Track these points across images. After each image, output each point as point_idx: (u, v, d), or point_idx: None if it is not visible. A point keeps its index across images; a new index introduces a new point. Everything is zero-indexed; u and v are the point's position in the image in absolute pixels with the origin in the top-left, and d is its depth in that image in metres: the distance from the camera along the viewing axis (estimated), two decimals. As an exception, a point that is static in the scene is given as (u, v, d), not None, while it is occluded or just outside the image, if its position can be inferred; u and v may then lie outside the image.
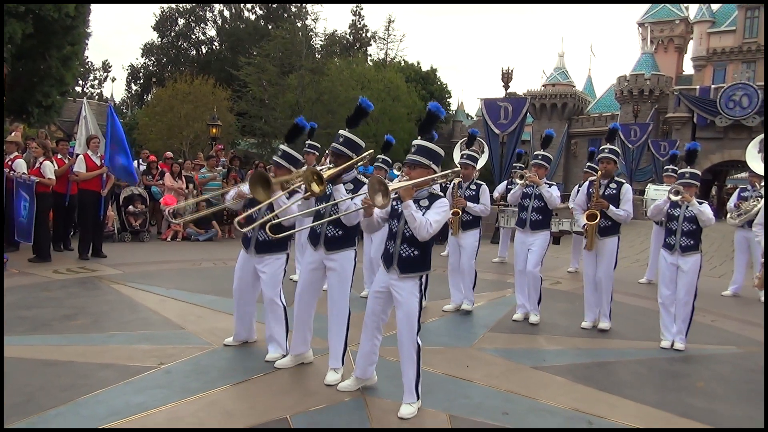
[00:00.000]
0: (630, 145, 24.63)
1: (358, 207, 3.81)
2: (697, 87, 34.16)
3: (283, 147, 4.54)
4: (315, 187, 3.78)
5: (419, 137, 3.79)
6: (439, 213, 3.61)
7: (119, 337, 4.93)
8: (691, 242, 5.45)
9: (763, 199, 7.70)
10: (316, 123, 7.64)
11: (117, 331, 5.13)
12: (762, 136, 7.98)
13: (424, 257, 3.72)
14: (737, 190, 8.79)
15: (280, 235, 4.15)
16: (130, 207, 10.83)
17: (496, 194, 10.25)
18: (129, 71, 49.68)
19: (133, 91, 50.95)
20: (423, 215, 3.57)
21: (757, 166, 7.77)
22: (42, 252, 8.22)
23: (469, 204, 6.44)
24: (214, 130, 19.52)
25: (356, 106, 4.15)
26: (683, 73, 40.61)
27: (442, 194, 3.80)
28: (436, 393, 4.01)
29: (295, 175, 4.40)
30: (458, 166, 8.42)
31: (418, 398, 3.70)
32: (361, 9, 46.82)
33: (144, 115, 33.48)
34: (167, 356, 4.46)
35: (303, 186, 4.10)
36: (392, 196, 3.58)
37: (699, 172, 5.59)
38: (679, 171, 5.68)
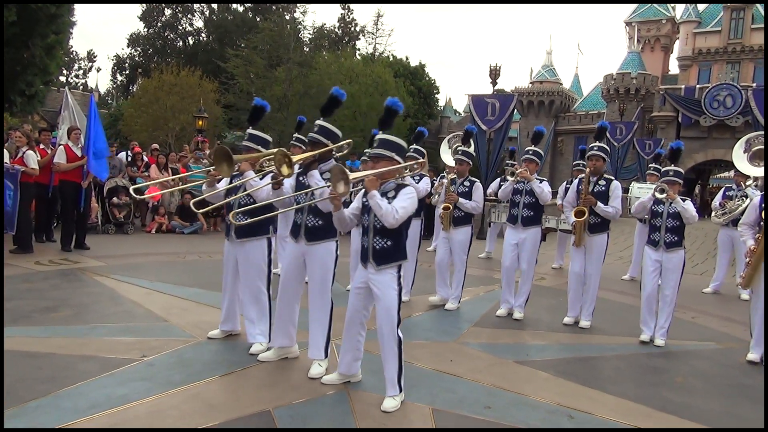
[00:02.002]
0: (615, 143, 24.79)
1: (324, 197, 3.83)
2: (683, 87, 34.51)
3: (249, 130, 4.59)
4: (284, 170, 3.81)
5: (380, 132, 3.84)
6: (405, 200, 3.62)
7: (101, 330, 4.89)
8: (675, 238, 5.54)
9: (748, 199, 7.81)
10: (305, 117, 7.61)
11: (99, 323, 5.09)
12: (748, 136, 8.06)
13: (398, 246, 3.74)
14: (722, 189, 8.89)
15: (255, 219, 4.18)
16: (114, 199, 10.72)
17: (489, 191, 10.28)
18: (114, 61, 49.12)
19: (118, 82, 50.36)
20: (389, 203, 3.59)
21: (744, 166, 7.87)
22: (24, 243, 8.12)
23: (461, 200, 6.46)
24: (200, 122, 19.37)
25: (329, 95, 4.19)
26: (669, 72, 41.01)
27: (407, 184, 3.82)
28: (419, 386, 4.03)
29: (266, 155, 4.41)
30: (446, 162, 8.47)
31: (400, 391, 3.71)
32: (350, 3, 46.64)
33: (129, 106, 33.06)
34: (150, 349, 4.43)
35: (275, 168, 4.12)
36: (352, 183, 3.58)
37: (682, 170, 5.66)
38: (663, 169, 5.75)
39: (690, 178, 34.43)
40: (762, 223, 5.09)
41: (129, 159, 12.16)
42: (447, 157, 8.52)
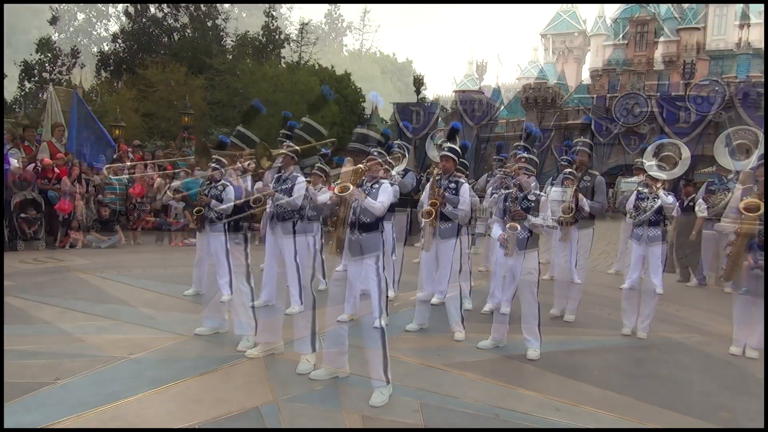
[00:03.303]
0: (602, 139, 25.02)
1: (326, 200, 4.08)
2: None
3: (239, 128, 4.65)
4: (264, 162, 3.93)
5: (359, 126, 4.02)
6: (386, 194, 3.88)
7: (88, 327, 4.86)
8: (657, 233, 5.65)
9: (731, 193, 7.91)
10: (293, 114, 7.58)
11: (86, 321, 5.05)
12: (729, 130, 8.15)
13: (375, 239, 3.86)
14: (705, 183, 9.00)
15: (226, 219, 4.37)
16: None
17: (477, 187, 10.30)
18: (98, 58, 48.48)
19: (102, 78, 49.72)
20: (374, 199, 3.81)
21: (726, 161, 7.96)
22: (8, 241, 8.03)
23: (448, 196, 6.45)
24: (186, 119, 19.29)
25: (318, 93, 4.46)
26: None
27: (384, 179, 4.03)
28: (408, 381, 4.05)
29: (249, 152, 4.49)
30: (432, 158, 8.46)
31: (388, 382, 3.72)
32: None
33: (114, 103, 32.69)
34: (137, 346, 4.41)
35: (251, 163, 4.26)
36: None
37: (666, 165, 5.76)
38: (647, 164, 5.85)
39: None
40: (741, 215, 5.17)
41: (114, 157, 12.00)
42: (433, 153, 8.50)
